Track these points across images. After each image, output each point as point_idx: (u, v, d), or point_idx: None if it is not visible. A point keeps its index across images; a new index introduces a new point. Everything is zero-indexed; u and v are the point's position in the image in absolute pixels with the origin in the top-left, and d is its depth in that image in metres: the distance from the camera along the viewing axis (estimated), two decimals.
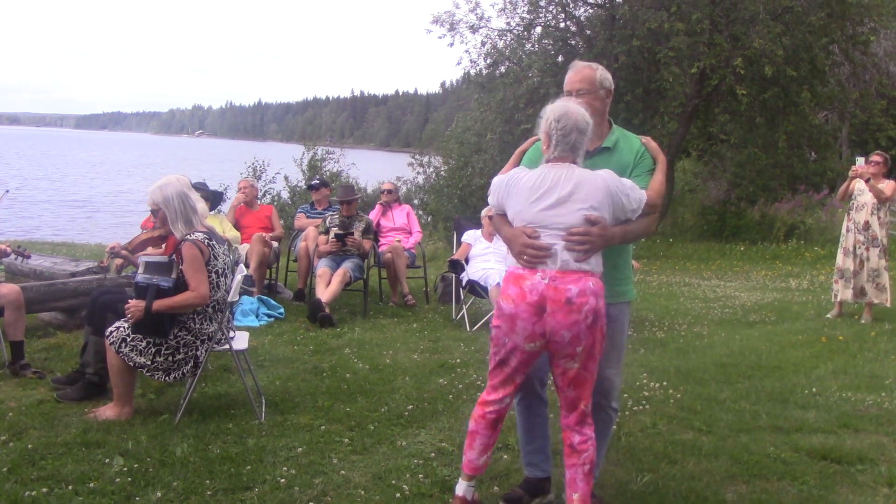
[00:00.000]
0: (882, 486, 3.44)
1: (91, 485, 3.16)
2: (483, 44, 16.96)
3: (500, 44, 16.86)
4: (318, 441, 3.78)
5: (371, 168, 24.75)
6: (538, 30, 16.80)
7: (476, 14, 16.79)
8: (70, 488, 3.13)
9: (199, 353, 4.01)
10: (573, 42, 16.46)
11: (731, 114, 16.07)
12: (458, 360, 5.51)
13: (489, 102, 16.74)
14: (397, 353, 5.70)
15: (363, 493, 3.22)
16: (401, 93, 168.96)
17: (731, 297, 9.36)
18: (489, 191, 3.00)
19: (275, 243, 7.74)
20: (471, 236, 7.33)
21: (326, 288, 6.82)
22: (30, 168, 45.10)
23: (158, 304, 3.83)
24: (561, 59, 15.78)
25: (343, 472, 3.42)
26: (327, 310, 6.61)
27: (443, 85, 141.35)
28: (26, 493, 3.06)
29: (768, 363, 5.71)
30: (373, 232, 7.59)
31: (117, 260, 4.96)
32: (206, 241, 3.96)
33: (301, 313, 6.96)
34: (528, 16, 16.58)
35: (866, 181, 7.17)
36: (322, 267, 7.06)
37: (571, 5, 16.68)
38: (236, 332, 4.38)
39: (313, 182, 8.69)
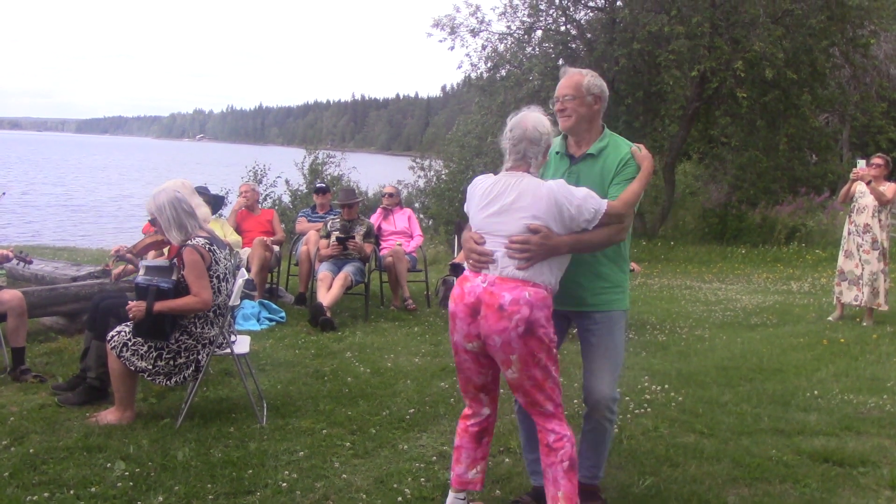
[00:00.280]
0: (884, 489, 3.44)
1: (93, 489, 3.17)
2: (484, 47, 17.05)
3: (501, 47, 16.92)
4: (320, 445, 3.79)
5: (372, 172, 24.75)
6: (539, 33, 16.85)
7: (477, 18, 16.88)
8: (72, 493, 3.13)
9: (200, 357, 4.01)
10: (574, 45, 16.50)
11: (732, 116, 16.07)
12: None
13: (490, 106, 16.77)
14: (398, 357, 5.70)
15: (365, 496, 3.22)
16: (402, 96, 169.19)
17: (732, 299, 9.34)
18: None
19: (276, 247, 7.74)
20: None
21: (328, 292, 6.81)
22: (31, 173, 45.14)
23: (160, 305, 3.84)
24: (561, 62, 15.80)
25: (345, 475, 3.42)
26: (328, 313, 6.61)
27: (443, 88, 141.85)
28: (28, 498, 3.06)
29: (770, 366, 5.70)
30: (374, 236, 7.59)
31: (118, 268, 4.97)
32: (207, 245, 3.97)
33: (302, 317, 6.97)
34: (528, 19, 16.64)
35: (867, 184, 7.17)
36: (323, 271, 7.06)
37: (572, 9, 16.73)
38: (237, 336, 4.38)
39: (320, 185, 8.72)
